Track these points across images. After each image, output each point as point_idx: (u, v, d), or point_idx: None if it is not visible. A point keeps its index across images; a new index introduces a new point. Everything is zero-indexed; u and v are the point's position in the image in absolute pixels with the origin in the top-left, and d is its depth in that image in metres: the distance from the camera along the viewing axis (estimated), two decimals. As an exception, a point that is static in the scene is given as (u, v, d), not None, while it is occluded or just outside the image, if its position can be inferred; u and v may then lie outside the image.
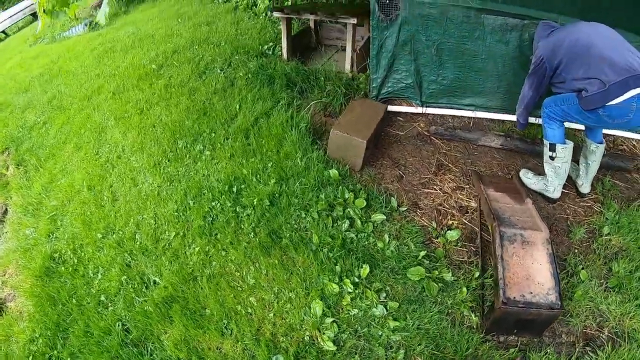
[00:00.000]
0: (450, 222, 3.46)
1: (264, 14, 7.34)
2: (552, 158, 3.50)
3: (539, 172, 3.83)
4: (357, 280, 3.05)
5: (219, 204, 3.66)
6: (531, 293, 2.82)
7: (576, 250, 3.43)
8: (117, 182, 4.38)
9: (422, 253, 3.16)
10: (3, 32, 13.81)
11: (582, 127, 3.87)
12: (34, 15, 13.44)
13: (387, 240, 3.25)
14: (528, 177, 3.76)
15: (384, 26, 4.09)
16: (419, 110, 4.38)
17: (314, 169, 3.69)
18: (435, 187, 3.71)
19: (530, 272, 2.92)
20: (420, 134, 4.22)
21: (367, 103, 4.16)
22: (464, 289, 3.04)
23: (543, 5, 3.75)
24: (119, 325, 3.21)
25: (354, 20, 4.74)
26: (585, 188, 3.76)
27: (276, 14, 5.21)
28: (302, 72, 4.90)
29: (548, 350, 2.83)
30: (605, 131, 3.97)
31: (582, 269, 3.26)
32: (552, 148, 3.47)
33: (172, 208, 3.82)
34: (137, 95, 5.54)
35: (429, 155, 4.02)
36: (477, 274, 3.11)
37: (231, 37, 6.65)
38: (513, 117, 4.02)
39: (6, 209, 5.01)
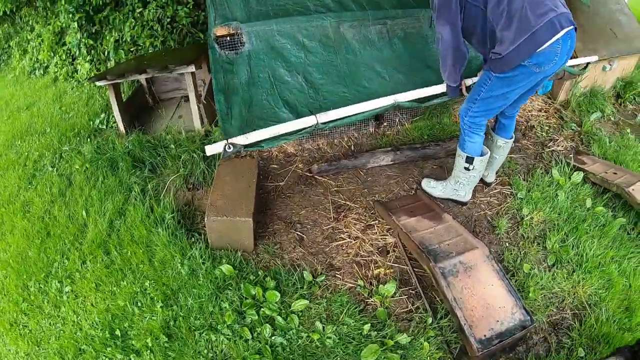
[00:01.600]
0: (376, 272, 2.98)
1: (87, 80, 6.39)
2: (467, 169, 3.15)
3: (438, 175, 3.52)
4: (309, 392, 2.46)
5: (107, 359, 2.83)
6: (498, 321, 2.52)
7: (507, 244, 3.23)
8: (-26, 361, 3.35)
9: (367, 327, 2.63)
10: None
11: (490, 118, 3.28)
12: None
13: (322, 328, 2.65)
14: (432, 187, 3.41)
15: (228, 67, 3.48)
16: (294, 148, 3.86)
17: (201, 272, 2.96)
18: (342, 235, 3.20)
19: (487, 299, 2.61)
20: (302, 177, 3.68)
21: (234, 163, 3.51)
22: (426, 344, 2.57)
23: (399, 3, 3.54)
24: None
25: (191, 69, 4.04)
26: (490, 177, 3.54)
27: (99, 83, 4.33)
28: (146, 145, 4.12)
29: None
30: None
31: (521, 261, 3.08)
32: (470, 161, 3.11)
33: (54, 383, 2.91)
34: (-39, 228, 4.35)
35: (321, 199, 3.49)
36: (430, 320, 2.69)
37: (56, 118, 5.62)
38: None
39: None
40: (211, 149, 2.87)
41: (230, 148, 2.84)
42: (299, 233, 3.24)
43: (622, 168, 3.77)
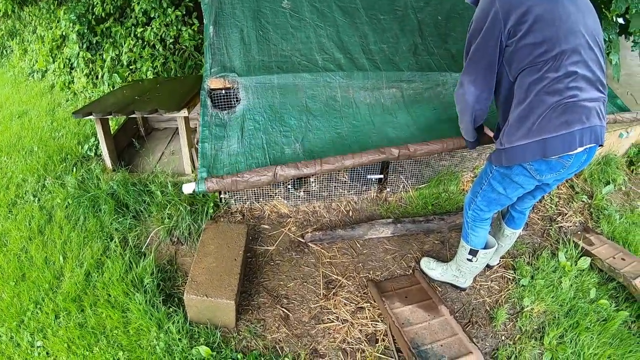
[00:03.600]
0: (363, 364, 2.78)
1: (82, 94, 6.27)
2: (470, 260, 2.93)
3: (438, 252, 3.33)
4: None
5: None
6: None
7: (504, 337, 3.01)
8: None
9: None
10: None
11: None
12: None
13: None
14: (432, 269, 3.20)
15: (218, 132, 3.13)
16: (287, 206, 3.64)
17: (177, 350, 2.73)
18: (330, 316, 2.98)
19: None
20: (294, 242, 3.46)
21: (222, 228, 3.25)
22: None
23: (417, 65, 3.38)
24: None
25: (184, 113, 3.76)
26: (494, 261, 3.34)
27: (87, 118, 4.10)
28: (131, 188, 3.85)
29: None
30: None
31: (516, 358, 2.87)
32: (474, 253, 2.88)
33: None
34: None
35: (312, 270, 3.28)
36: None
37: (46, 135, 5.43)
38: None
39: None
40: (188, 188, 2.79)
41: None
42: (285, 310, 3.02)
43: (629, 253, 3.59)
